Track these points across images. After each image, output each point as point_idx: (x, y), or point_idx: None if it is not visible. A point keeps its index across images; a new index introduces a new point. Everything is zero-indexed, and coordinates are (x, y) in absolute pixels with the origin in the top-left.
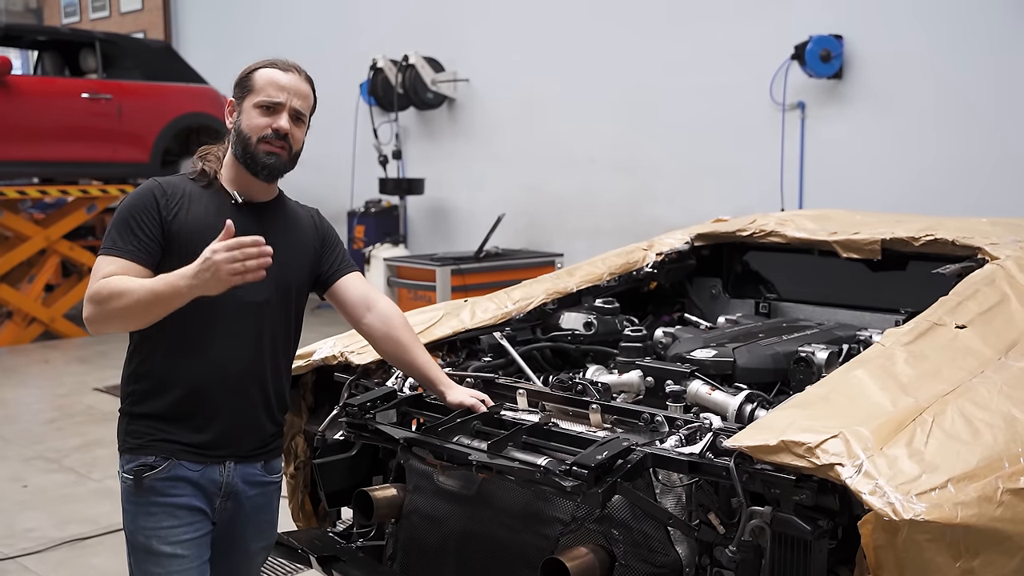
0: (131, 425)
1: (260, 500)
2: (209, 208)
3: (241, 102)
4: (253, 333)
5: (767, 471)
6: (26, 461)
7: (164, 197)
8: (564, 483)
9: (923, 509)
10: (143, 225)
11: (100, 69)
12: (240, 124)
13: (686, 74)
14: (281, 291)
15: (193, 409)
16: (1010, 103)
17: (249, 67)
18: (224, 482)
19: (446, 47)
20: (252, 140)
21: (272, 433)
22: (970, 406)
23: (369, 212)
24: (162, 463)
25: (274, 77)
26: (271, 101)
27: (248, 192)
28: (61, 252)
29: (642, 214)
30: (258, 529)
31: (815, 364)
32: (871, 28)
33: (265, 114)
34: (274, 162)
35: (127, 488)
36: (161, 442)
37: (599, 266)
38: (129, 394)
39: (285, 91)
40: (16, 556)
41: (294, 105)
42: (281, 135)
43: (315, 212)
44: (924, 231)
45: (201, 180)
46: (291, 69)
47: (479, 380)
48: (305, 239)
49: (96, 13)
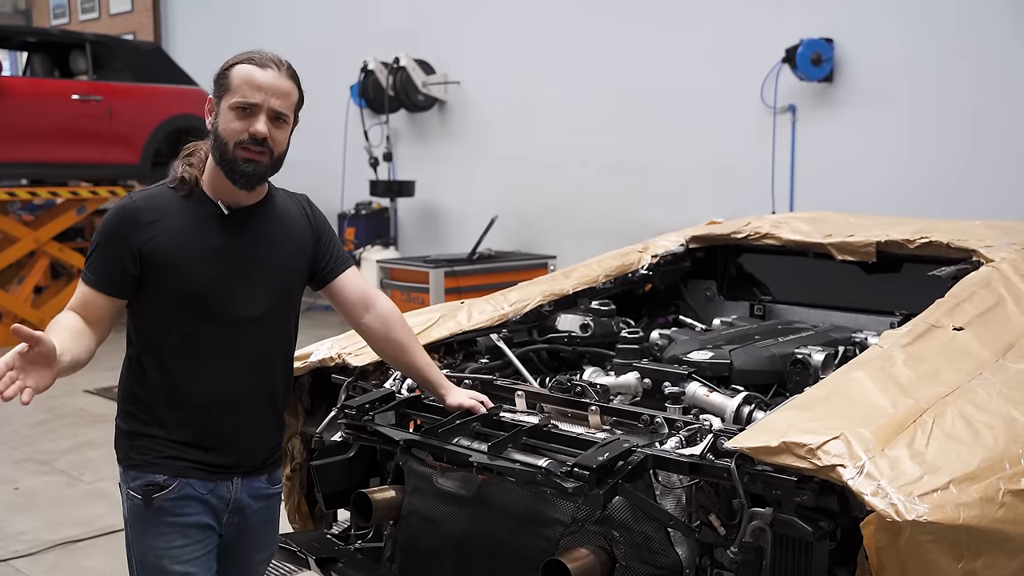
0: (135, 441)
1: (265, 513)
2: (188, 222)
3: (219, 102)
4: (257, 346)
5: (768, 472)
6: (17, 463)
7: (137, 223)
8: (565, 484)
9: (925, 510)
10: (113, 254)
11: (90, 71)
12: (217, 126)
13: (677, 77)
14: (280, 298)
15: (200, 427)
16: (1001, 106)
17: (227, 61)
18: (232, 498)
19: (437, 49)
20: (229, 145)
21: (277, 443)
22: (970, 408)
23: (360, 214)
24: (172, 482)
25: (250, 75)
26: (247, 102)
27: (233, 197)
28: (51, 254)
29: (633, 216)
30: (264, 541)
31: (811, 366)
32: (862, 31)
33: (241, 116)
34: (252, 170)
35: (134, 506)
36: (169, 459)
37: (595, 268)
38: (130, 413)
39: (262, 91)
40: (9, 559)
41: (272, 106)
42: (259, 140)
43: (305, 200)
44: (919, 233)
45: (182, 189)
46: (269, 64)
47: (477, 381)
48: (299, 237)
49: (85, 14)
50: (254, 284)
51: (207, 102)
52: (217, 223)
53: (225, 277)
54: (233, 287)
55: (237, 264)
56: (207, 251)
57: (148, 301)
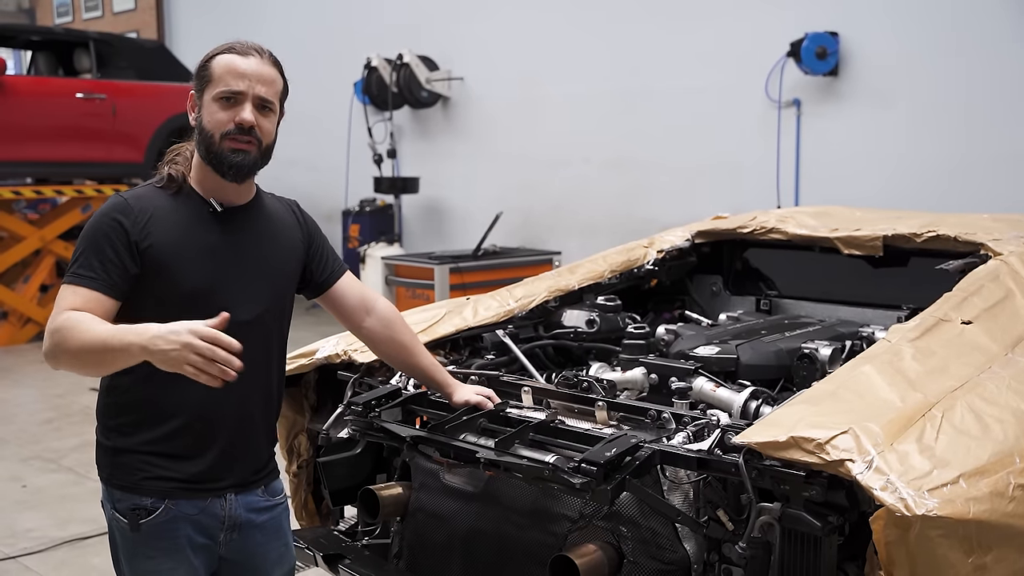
0: (118, 458)
1: (270, 525)
2: (181, 220)
3: (201, 95)
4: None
5: (776, 467)
6: (24, 461)
7: (131, 218)
8: (573, 480)
9: (935, 505)
10: (110, 252)
11: (94, 69)
12: (202, 120)
13: (681, 72)
14: (274, 301)
15: (191, 441)
16: (1008, 100)
17: (207, 54)
18: (226, 515)
19: (441, 46)
20: (215, 137)
21: (269, 456)
22: (979, 401)
23: (364, 211)
24: (159, 504)
25: (232, 64)
26: (231, 91)
27: (223, 195)
28: (56, 252)
29: (637, 212)
30: (277, 557)
31: (818, 360)
32: (867, 25)
33: (226, 107)
34: (241, 160)
35: (120, 527)
36: (155, 480)
37: (600, 264)
38: (113, 428)
39: (245, 78)
40: (17, 556)
41: (258, 92)
42: (246, 129)
43: (295, 205)
44: (926, 227)
45: (170, 187)
46: (251, 52)
47: (483, 377)
48: (290, 242)
49: (89, 13)
50: (249, 285)
51: (189, 98)
52: (209, 221)
53: (220, 277)
54: (229, 287)
55: (232, 263)
56: (202, 249)
57: (137, 304)
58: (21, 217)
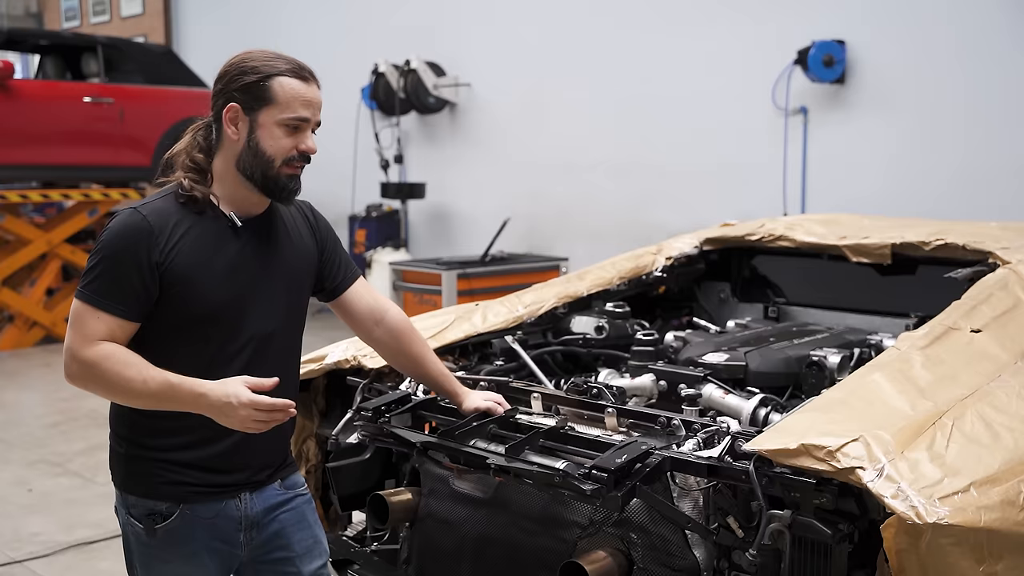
0: (132, 465)
1: (290, 519)
2: (206, 237)
3: (254, 113)
4: (269, 363)
5: (787, 475)
6: (30, 465)
7: (154, 236)
8: (584, 487)
9: (946, 513)
10: (135, 278)
11: (102, 73)
12: (259, 142)
13: (688, 79)
14: (291, 310)
15: (208, 451)
16: (1013, 107)
17: (255, 67)
18: (242, 515)
19: (448, 52)
20: (275, 163)
21: (285, 454)
22: (989, 410)
23: (370, 216)
24: (175, 509)
25: (299, 91)
26: (299, 118)
27: (245, 208)
28: (63, 256)
29: (644, 219)
30: (307, 549)
31: (827, 368)
32: (874, 33)
33: (290, 134)
34: (296, 185)
35: (135, 533)
36: (170, 485)
37: (609, 270)
38: (125, 436)
39: (311, 106)
40: (24, 560)
41: (318, 119)
42: (307, 157)
43: (307, 207)
44: (934, 235)
45: (193, 206)
46: (309, 77)
47: (493, 383)
48: (306, 247)
49: (96, 17)
50: (269, 297)
51: (227, 109)
52: (231, 236)
53: (242, 292)
54: (249, 301)
55: (253, 276)
56: (225, 266)
57: (155, 319)
58: (28, 221)
